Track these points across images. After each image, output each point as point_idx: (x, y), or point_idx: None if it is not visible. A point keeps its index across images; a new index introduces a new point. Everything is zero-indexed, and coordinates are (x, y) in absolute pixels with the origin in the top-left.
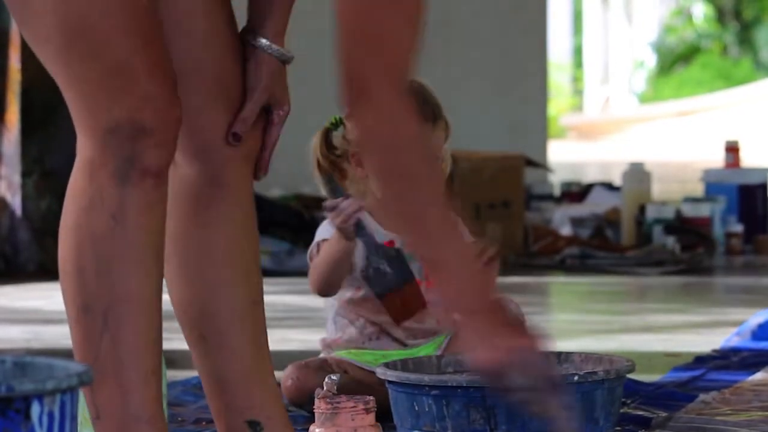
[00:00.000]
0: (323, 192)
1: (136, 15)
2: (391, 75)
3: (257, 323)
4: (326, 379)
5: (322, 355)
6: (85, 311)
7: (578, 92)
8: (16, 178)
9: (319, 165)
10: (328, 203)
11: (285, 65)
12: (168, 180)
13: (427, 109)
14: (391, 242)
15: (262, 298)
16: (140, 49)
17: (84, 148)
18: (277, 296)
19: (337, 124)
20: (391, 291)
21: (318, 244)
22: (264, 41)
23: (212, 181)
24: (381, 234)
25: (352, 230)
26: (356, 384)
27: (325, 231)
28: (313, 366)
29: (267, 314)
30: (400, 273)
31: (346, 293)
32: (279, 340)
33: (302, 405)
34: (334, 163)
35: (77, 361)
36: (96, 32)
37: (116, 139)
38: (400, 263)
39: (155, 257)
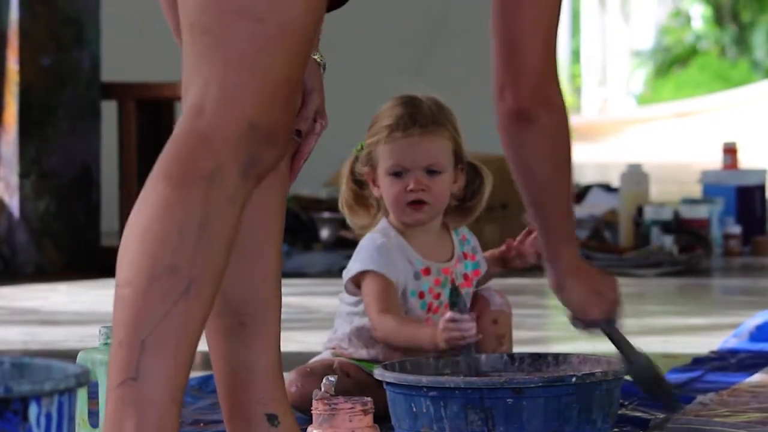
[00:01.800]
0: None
1: (311, 39)
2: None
3: (280, 318)
4: (324, 380)
5: (325, 355)
6: (170, 272)
7: (576, 93)
8: (14, 179)
9: (345, 199)
10: (452, 316)
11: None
12: None
13: (418, 118)
14: (428, 269)
15: None
16: (300, 78)
17: (211, 121)
18: None
19: (362, 149)
20: None
21: (378, 279)
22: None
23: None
24: (419, 260)
25: (459, 349)
26: (357, 387)
27: (369, 258)
28: (317, 372)
29: None
30: None
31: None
32: None
33: (306, 411)
34: (357, 195)
35: (132, 319)
36: (298, 40)
37: (255, 136)
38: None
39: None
